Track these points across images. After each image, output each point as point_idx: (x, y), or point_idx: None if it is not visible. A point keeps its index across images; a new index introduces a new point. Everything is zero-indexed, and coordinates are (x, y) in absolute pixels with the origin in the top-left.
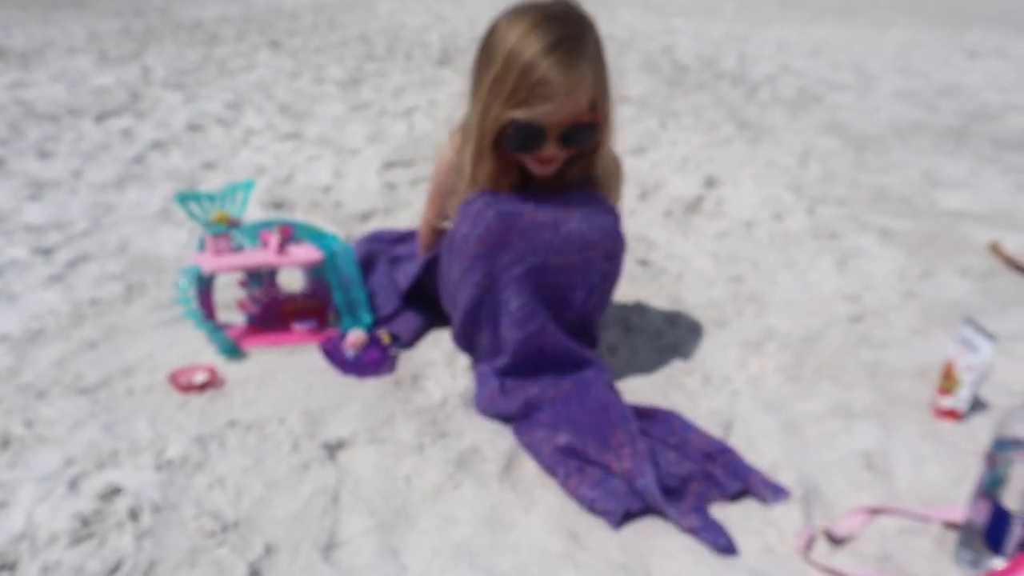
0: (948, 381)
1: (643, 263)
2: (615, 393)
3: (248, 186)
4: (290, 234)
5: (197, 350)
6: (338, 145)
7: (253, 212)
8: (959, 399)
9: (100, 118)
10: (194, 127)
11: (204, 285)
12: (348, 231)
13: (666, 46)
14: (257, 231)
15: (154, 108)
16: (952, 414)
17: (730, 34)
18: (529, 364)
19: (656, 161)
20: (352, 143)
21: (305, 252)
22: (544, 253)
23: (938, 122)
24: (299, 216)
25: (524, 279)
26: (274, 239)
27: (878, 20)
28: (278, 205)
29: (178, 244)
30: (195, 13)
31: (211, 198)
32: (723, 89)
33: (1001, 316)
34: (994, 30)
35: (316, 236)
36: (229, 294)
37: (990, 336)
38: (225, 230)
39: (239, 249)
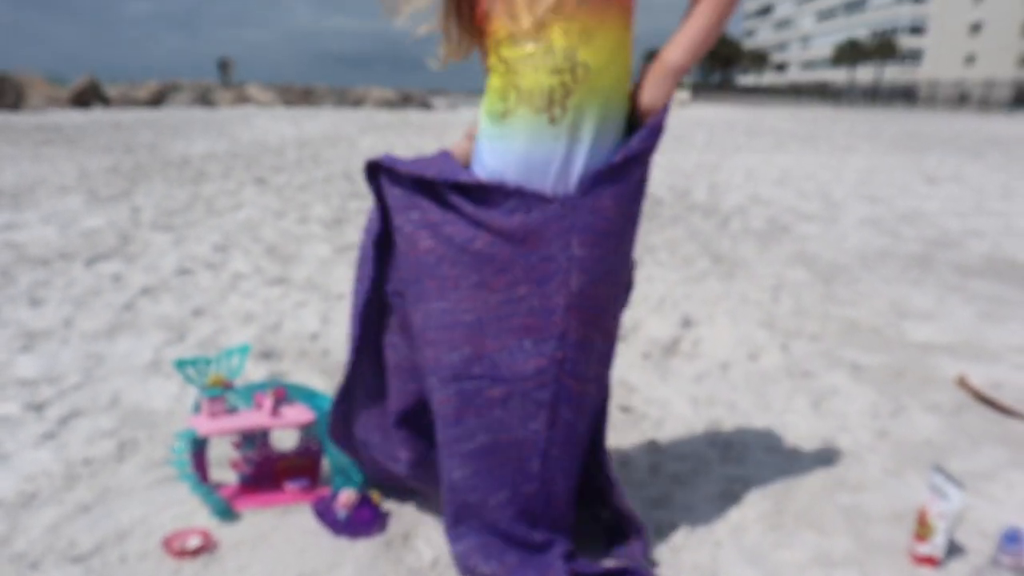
0: (923, 528)
1: (625, 409)
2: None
3: (244, 351)
4: (283, 395)
5: (191, 511)
6: (325, 290)
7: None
8: (935, 546)
9: (91, 262)
10: (183, 271)
11: (199, 447)
12: (336, 381)
13: None
14: (251, 393)
15: (144, 251)
16: (929, 560)
17: (701, 164)
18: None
19: (634, 300)
20: (338, 287)
21: (297, 413)
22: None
23: (903, 249)
24: (287, 365)
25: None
26: (268, 401)
27: (840, 146)
28: (267, 355)
29: (169, 397)
30: (183, 149)
31: (207, 362)
32: (696, 221)
33: (972, 454)
34: (949, 154)
35: (308, 396)
36: (222, 451)
37: (959, 483)
38: (220, 393)
39: (234, 411)
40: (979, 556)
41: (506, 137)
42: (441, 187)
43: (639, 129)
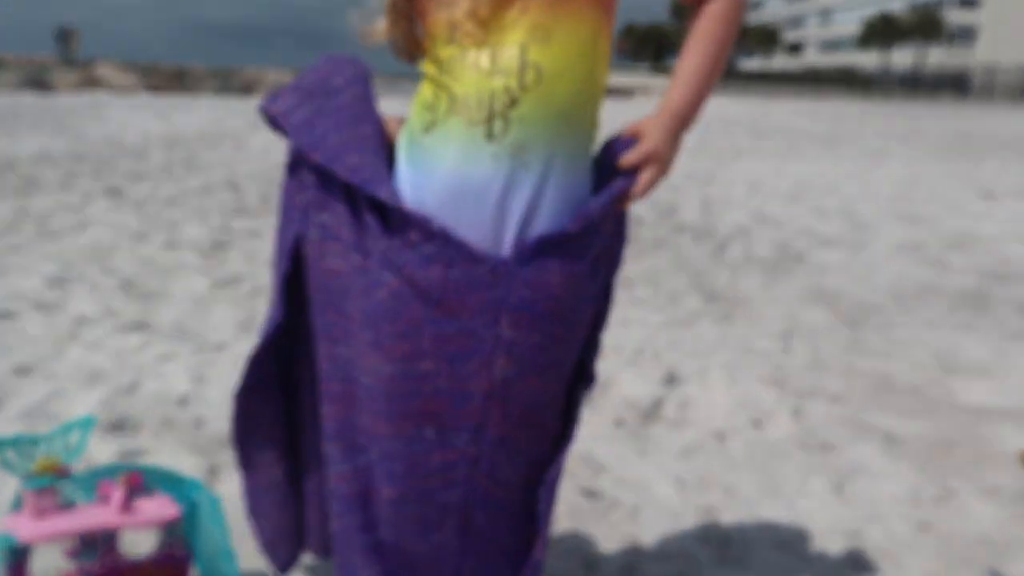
0: None
1: (589, 494)
2: None
3: (86, 424)
4: (138, 483)
5: None
6: (198, 338)
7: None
8: None
9: None
10: (4, 315)
11: (17, 558)
12: (212, 461)
13: None
14: (95, 481)
15: None
16: None
17: (692, 173)
18: None
19: (605, 350)
20: (216, 335)
21: (157, 507)
22: None
23: (951, 284)
24: (146, 440)
25: None
26: (117, 492)
27: (870, 150)
28: (118, 427)
29: None
30: (5, 148)
31: (34, 441)
32: (686, 247)
33: None
34: (1011, 162)
35: (173, 484)
36: (50, 561)
37: None
38: (51, 482)
39: (70, 506)
40: None
41: (429, 157)
42: (357, 191)
43: (611, 182)
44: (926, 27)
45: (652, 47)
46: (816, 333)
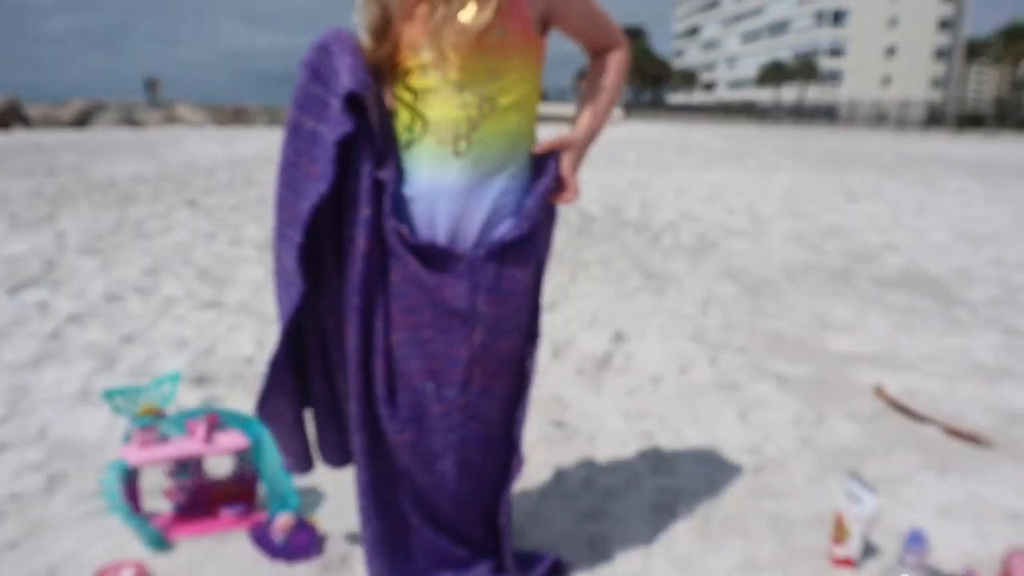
0: (840, 531)
1: (558, 424)
2: None
3: (174, 378)
4: (216, 422)
5: (123, 542)
6: (259, 313)
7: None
8: (851, 548)
9: (14, 290)
10: (112, 297)
11: (130, 477)
12: None
13: None
14: (184, 420)
15: (70, 277)
16: (847, 562)
17: (633, 182)
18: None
19: (568, 316)
20: (272, 310)
21: (231, 439)
22: None
23: (825, 263)
24: (221, 390)
25: None
26: (201, 428)
27: (766, 163)
28: (200, 381)
29: (99, 427)
30: (108, 171)
31: (137, 391)
32: (629, 237)
33: (887, 459)
34: (868, 172)
35: (242, 422)
36: (155, 480)
37: (872, 489)
38: (152, 422)
39: (166, 439)
40: (892, 556)
41: (410, 168)
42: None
43: (537, 183)
44: (806, 71)
45: None
46: (727, 301)
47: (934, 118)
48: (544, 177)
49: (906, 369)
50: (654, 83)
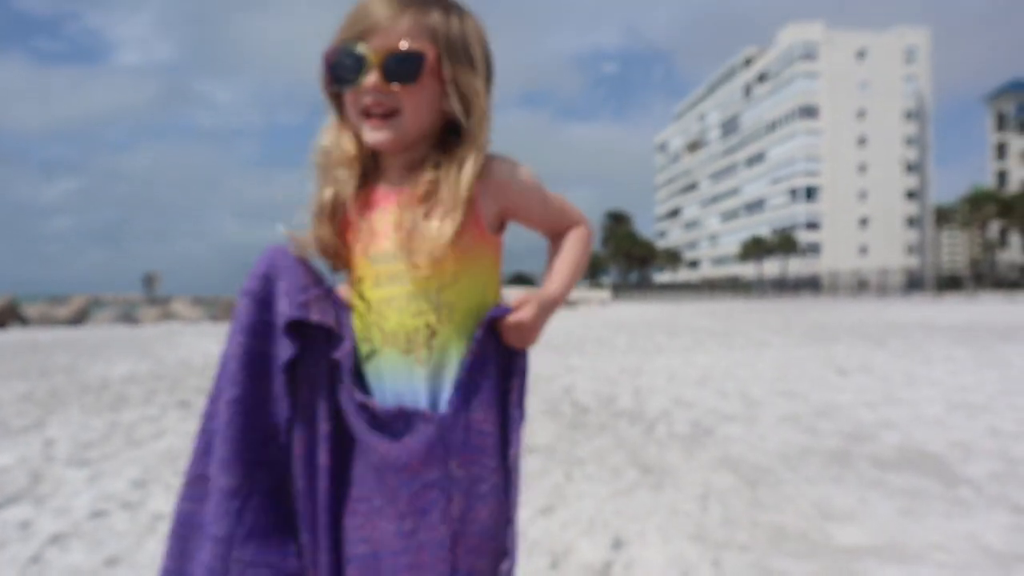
0: None
1: None
2: None
3: None
4: None
5: None
6: None
7: None
8: None
9: None
10: (97, 514)
11: None
12: None
13: (566, 387)
14: None
15: (55, 491)
16: None
17: (624, 368)
18: None
19: (565, 521)
20: None
21: None
22: None
23: (822, 445)
24: None
25: None
26: None
27: (754, 340)
28: None
29: None
30: (102, 371)
31: None
32: (623, 428)
33: None
34: (855, 344)
35: None
36: None
37: None
38: None
39: None
40: None
41: (372, 379)
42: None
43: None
44: (785, 245)
45: (589, 269)
46: (725, 493)
47: (914, 283)
48: (496, 309)
49: (915, 561)
50: (641, 264)
